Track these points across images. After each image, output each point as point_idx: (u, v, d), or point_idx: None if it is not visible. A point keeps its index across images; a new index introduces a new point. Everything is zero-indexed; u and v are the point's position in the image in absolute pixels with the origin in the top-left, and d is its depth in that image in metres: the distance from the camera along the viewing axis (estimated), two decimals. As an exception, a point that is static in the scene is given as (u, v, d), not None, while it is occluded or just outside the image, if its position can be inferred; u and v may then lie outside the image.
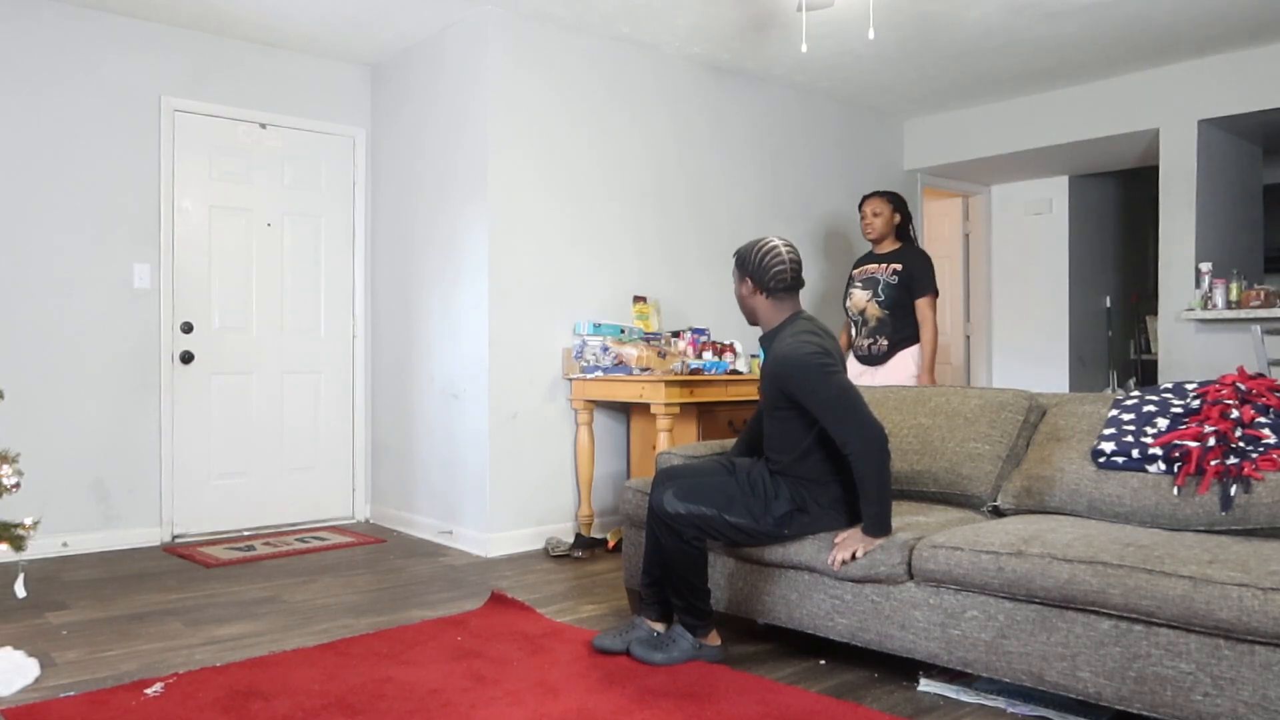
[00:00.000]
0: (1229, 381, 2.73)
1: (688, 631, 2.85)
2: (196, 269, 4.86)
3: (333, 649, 3.00)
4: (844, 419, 2.67)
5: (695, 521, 2.76)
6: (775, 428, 2.87)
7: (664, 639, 2.86)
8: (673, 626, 2.89)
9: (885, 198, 4.69)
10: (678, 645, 2.83)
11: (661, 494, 2.78)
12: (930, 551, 2.56)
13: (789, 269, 2.86)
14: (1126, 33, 4.92)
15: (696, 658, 2.84)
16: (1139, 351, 7.87)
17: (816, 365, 2.71)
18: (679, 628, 2.87)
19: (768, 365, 2.85)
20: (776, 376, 2.79)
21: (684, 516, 2.75)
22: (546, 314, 4.71)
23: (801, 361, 2.72)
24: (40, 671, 2.80)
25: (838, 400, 2.69)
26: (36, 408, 4.38)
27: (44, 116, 4.41)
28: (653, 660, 2.80)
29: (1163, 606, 2.15)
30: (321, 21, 4.69)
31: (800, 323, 2.86)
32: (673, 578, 2.81)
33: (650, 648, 2.84)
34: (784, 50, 5.16)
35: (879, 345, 4.57)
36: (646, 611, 2.96)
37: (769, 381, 2.84)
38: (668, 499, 2.77)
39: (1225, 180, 5.76)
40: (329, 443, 5.28)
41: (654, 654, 2.82)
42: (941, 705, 2.58)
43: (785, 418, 2.82)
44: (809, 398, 2.71)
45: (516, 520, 4.60)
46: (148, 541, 4.67)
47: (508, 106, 4.57)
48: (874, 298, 4.59)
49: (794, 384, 2.73)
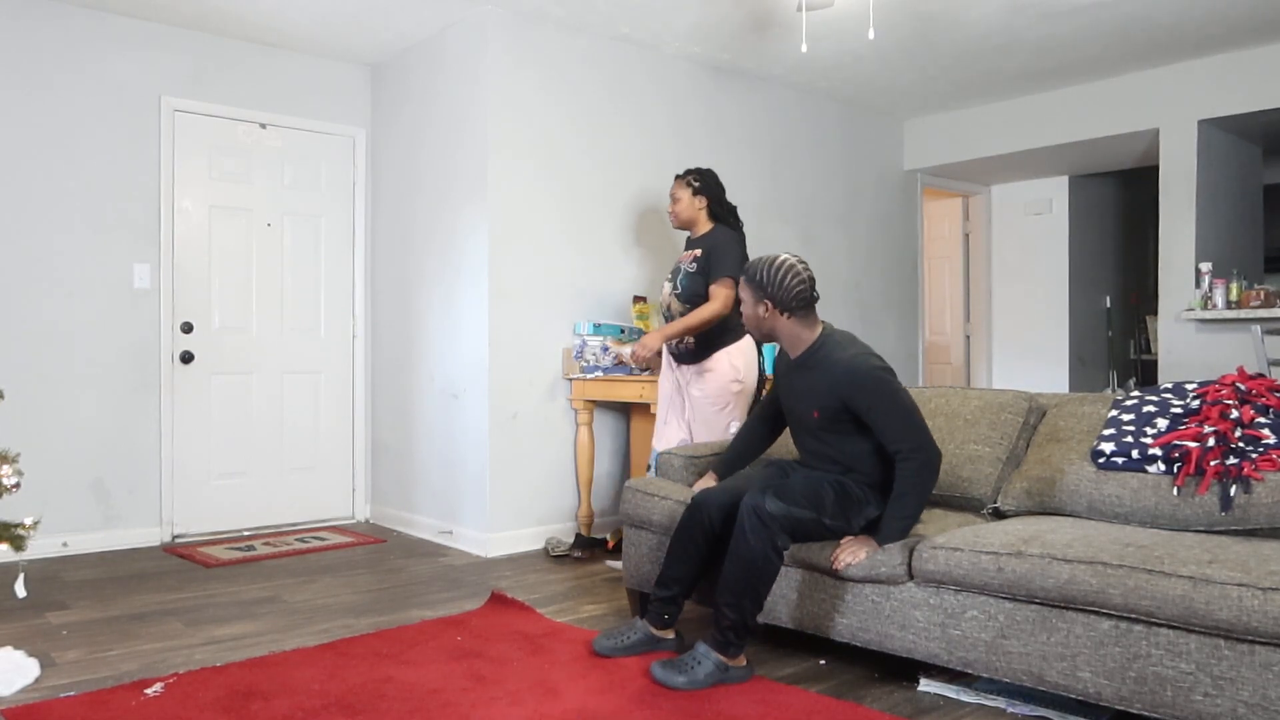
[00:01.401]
0: (1229, 382, 2.73)
1: (715, 650, 2.64)
2: (196, 269, 4.86)
3: (333, 649, 3.00)
4: (911, 433, 2.67)
5: (790, 525, 2.65)
6: (830, 440, 2.83)
7: (686, 660, 2.65)
8: (697, 644, 2.68)
9: (683, 180, 4.08)
10: (701, 666, 2.63)
11: (761, 494, 2.64)
12: (930, 552, 2.56)
13: (808, 284, 2.82)
14: (1126, 33, 4.92)
15: (723, 681, 2.64)
16: (1139, 351, 7.87)
17: (888, 380, 2.72)
18: (704, 646, 2.65)
19: (824, 378, 2.78)
20: (842, 389, 2.73)
21: (782, 519, 2.63)
22: (546, 314, 4.71)
23: (872, 374, 2.71)
24: (40, 671, 2.80)
25: (909, 413, 2.70)
26: (36, 408, 4.38)
27: (44, 116, 4.41)
28: (674, 684, 2.60)
29: (1163, 606, 2.15)
30: (321, 21, 4.69)
31: (844, 335, 2.87)
32: (739, 587, 2.62)
33: (671, 670, 2.64)
34: (784, 50, 5.16)
35: (685, 343, 3.93)
36: (652, 618, 2.88)
37: (828, 396, 2.77)
38: (768, 499, 2.63)
39: (1225, 180, 5.76)
40: (329, 443, 5.28)
41: (675, 677, 2.62)
42: (941, 705, 2.58)
43: (845, 430, 2.79)
44: (878, 409, 2.69)
45: (516, 520, 4.60)
46: (148, 541, 4.67)
47: (508, 106, 4.57)
48: (674, 290, 4.02)
49: (864, 397, 2.70)
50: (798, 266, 2.82)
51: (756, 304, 2.84)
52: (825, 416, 2.81)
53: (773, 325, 2.85)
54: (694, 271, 3.94)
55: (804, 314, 2.84)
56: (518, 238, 4.61)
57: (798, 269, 2.81)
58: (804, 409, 2.87)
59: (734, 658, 2.67)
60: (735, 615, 2.63)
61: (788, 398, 2.96)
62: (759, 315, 2.86)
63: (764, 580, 2.64)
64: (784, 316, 2.82)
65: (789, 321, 2.83)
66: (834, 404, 2.76)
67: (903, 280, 6.69)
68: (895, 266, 6.63)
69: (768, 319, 2.84)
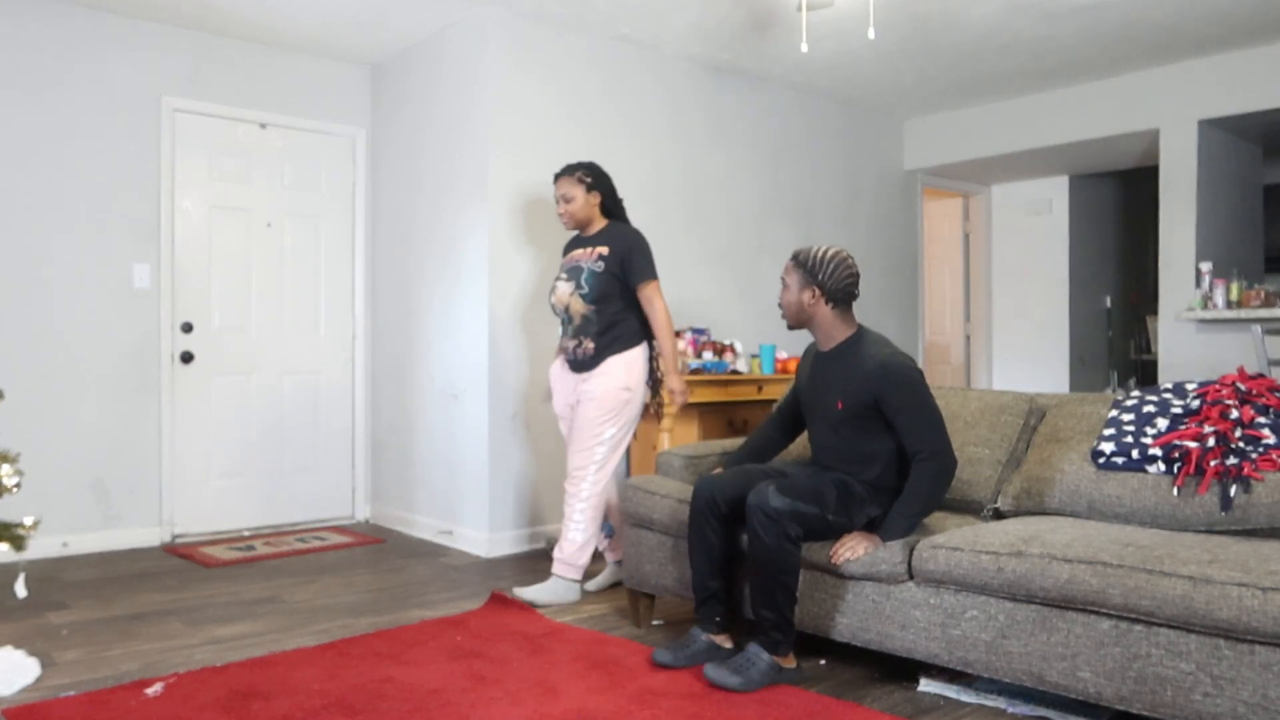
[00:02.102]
0: (1229, 381, 2.73)
1: (765, 650, 2.65)
2: (196, 269, 4.86)
3: (333, 649, 3.00)
4: (934, 437, 2.69)
5: (798, 518, 2.64)
6: (848, 435, 2.83)
7: (740, 660, 2.64)
8: (749, 645, 2.68)
9: (573, 176, 3.74)
10: (755, 666, 2.63)
11: (765, 491, 2.63)
12: (930, 552, 2.56)
13: (856, 279, 2.85)
14: (1126, 33, 4.92)
15: (777, 681, 2.65)
16: (1139, 351, 7.87)
17: (921, 382, 2.74)
18: (755, 647, 2.66)
19: (856, 372, 2.78)
20: (874, 385, 2.73)
21: (789, 513, 2.62)
22: (546, 314, 4.71)
23: (907, 373, 2.73)
24: (40, 671, 2.80)
25: (935, 418, 2.72)
26: (36, 408, 4.38)
27: (44, 116, 4.41)
28: (729, 685, 2.59)
29: (1163, 606, 2.15)
30: (321, 21, 4.69)
31: (879, 336, 2.88)
32: (767, 585, 2.63)
33: (726, 671, 2.62)
34: (784, 50, 5.16)
35: (584, 349, 3.66)
36: (705, 625, 2.86)
37: (858, 389, 2.76)
38: (771, 494, 2.62)
39: (1225, 180, 5.76)
40: (329, 443, 5.28)
41: (730, 678, 2.60)
42: (941, 705, 2.58)
43: (869, 428, 2.80)
44: (906, 409, 2.70)
45: (516, 520, 4.60)
46: (148, 541, 4.67)
47: (508, 106, 4.57)
48: (577, 290, 3.68)
49: (896, 394, 2.71)
50: (850, 260, 2.85)
51: (803, 289, 2.84)
52: (849, 409, 2.79)
53: (814, 313, 2.85)
54: (601, 271, 3.64)
55: (845, 307, 2.87)
56: (518, 238, 4.61)
57: (849, 262, 2.84)
58: (829, 400, 2.85)
59: (784, 656, 2.68)
60: (773, 614, 2.65)
61: (810, 391, 2.94)
62: (803, 300, 2.85)
63: (788, 573, 2.64)
64: (827, 306, 2.84)
65: (830, 312, 2.85)
66: (863, 398, 2.76)
67: (903, 280, 6.69)
68: (895, 266, 6.63)
69: (812, 305, 2.84)
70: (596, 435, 3.63)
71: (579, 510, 3.64)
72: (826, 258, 2.82)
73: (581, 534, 3.65)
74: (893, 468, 2.80)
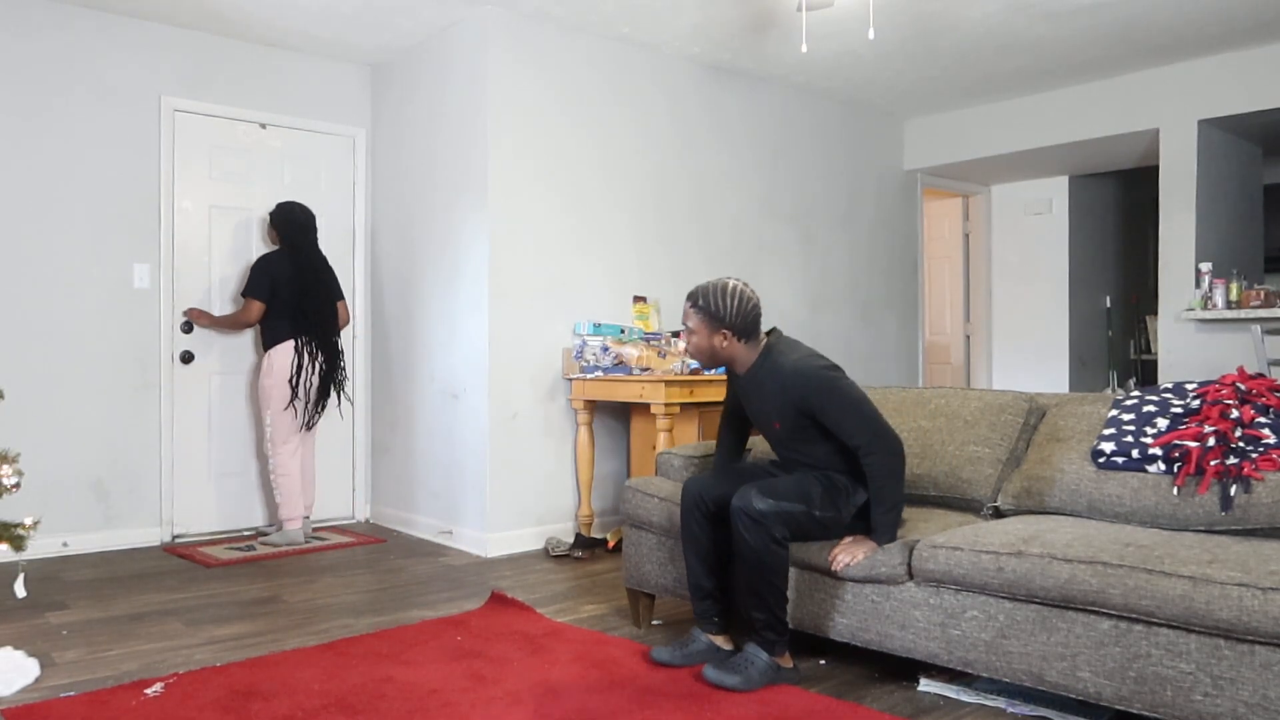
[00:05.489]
0: (1229, 381, 2.73)
1: (762, 650, 2.67)
2: (196, 269, 4.86)
3: (333, 649, 3.00)
4: (864, 428, 2.69)
5: (784, 519, 2.64)
6: (798, 447, 2.84)
7: (739, 660, 2.66)
8: (746, 645, 2.70)
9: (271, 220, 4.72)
10: (754, 666, 2.64)
11: (748, 494, 2.64)
12: (930, 551, 2.56)
13: (759, 309, 2.84)
14: (1126, 33, 4.92)
15: (776, 681, 2.66)
16: (1139, 351, 7.88)
17: (835, 379, 2.73)
18: (753, 647, 2.68)
19: (775, 388, 2.79)
20: (793, 395, 2.74)
21: (773, 514, 2.63)
22: (546, 314, 4.71)
23: (818, 375, 2.72)
24: (40, 671, 2.80)
25: (859, 409, 2.71)
26: (36, 407, 4.38)
27: (44, 116, 4.41)
28: (728, 685, 2.61)
29: (1163, 606, 2.15)
30: (321, 21, 4.69)
31: (786, 342, 2.86)
32: (756, 586, 2.64)
33: (725, 671, 2.63)
34: (784, 50, 5.16)
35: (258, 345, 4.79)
36: (704, 625, 2.87)
37: (784, 404, 2.77)
38: (754, 497, 2.63)
39: (1225, 180, 5.76)
40: (329, 443, 5.27)
41: (729, 677, 2.62)
42: (941, 705, 2.58)
43: (809, 435, 2.80)
44: (830, 409, 2.70)
45: (516, 520, 4.60)
46: (148, 541, 4.67)
47: (508, 107, 4.57)
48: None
49: (815, 399, 2.71)
50: (748, 291, 2.83)
51: (713, 334, 2.82)
52: (786, 425, 2.81)
53: (729, 353, 2.85)
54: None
55: (754, 335, 2.85)
56: (518, 237, 4.61)
57: (749, 293, 2.82)
58: (767, 422, 2.88)
59: (780, 655, 2.69)
60: (765, 614, 2.66)
61: (749, 410, 2.95)
62: (715, 345, 2.83)
63: (775, 573, 2.65)
64: (740, 343, 2.83)
65: (743, 346, 2.84)
66: (790, 411, 2.77)
67: (903, 280, 6.69)
68: (895, 266, 6.63)
69: (725, 347, 2.83)
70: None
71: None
72: (728, 297, 2.79)
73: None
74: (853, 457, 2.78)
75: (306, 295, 4.62)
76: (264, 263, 4.60)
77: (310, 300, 4.63)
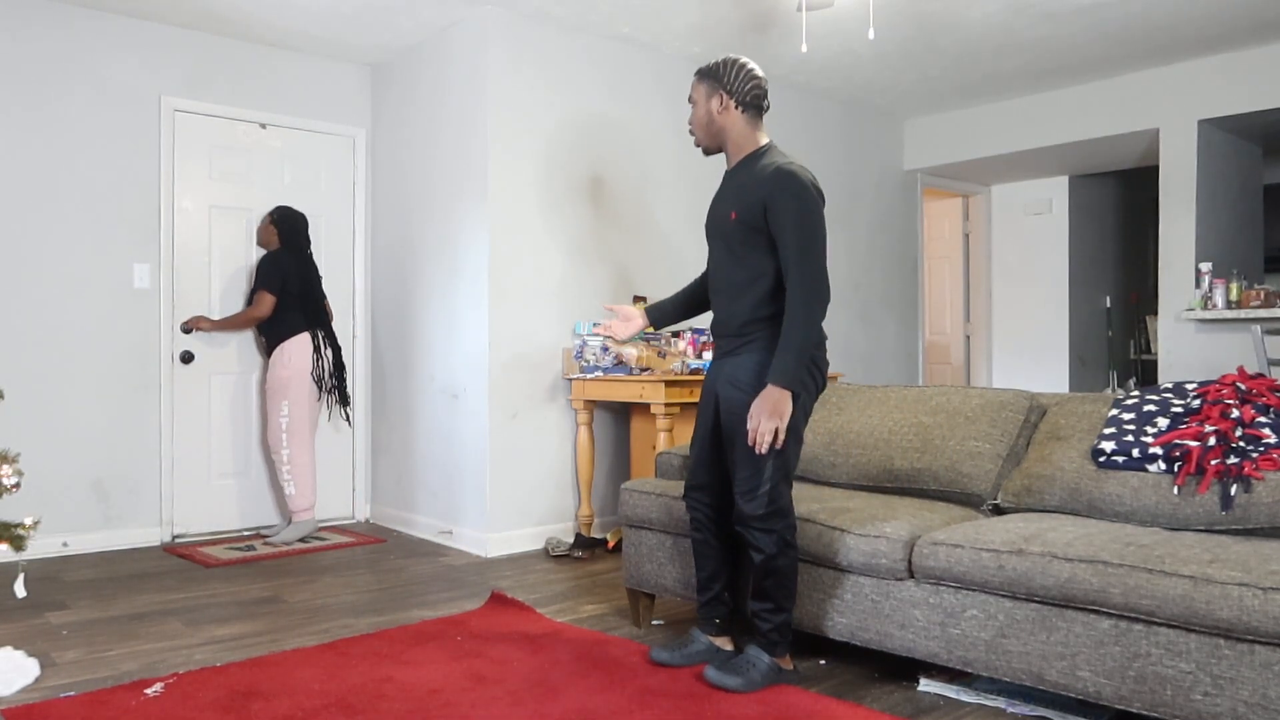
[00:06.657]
0: (1229, 381, 2.73)
1: (765, 652, 2.65)
2: (196, 269, 4.86)
3: (333, 649, 2.99)
4: (810, 259, 2.53)
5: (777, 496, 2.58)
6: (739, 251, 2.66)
7: (741, 662, 2.64)
8: (748, 647, 2.68)
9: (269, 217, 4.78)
10: (756, 668, 2.62)
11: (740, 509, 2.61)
12: (930, 548, 2.56)
13: (763, 89, 2.72)
14: (1126, 33, 4.92)
15: (778, 682, 2.64)
16: (1139, 351, 7.88)
17: (811, 198, 2.57)
18: (755, 649, 2.66)
19: (752, 182, 2.63)
20: (764, 189, 2.58)
21: (768, 506, 2.58)
22: (546, 314, 4.71)
23: (797, 182, 2.56)
24: (40, 671, 2.80)
25: (813, 240, 2.55)
26: (36, 408, 4.38)
27: (44, 116, 4.41)
28: (730, 686, 2.59)
29: (1163, 606, 2.15)
30: (321, 21, 4.69)
31: (786, 154, 2.70)
32: (768, 590, 2.62)
33: (726, 672, 2.62)
34: (784, 50, 5.16)
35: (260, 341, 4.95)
36: (705, 626, 2.85)
37: (751, 197, 2.60)
38: (744, 504, 2.60)
39: (1225, 180, 5.76)
40: (329, 443, 5.27)
41: (730, 679, 2.60)
42: (941, 705, 2.58)
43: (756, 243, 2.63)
44: (787, 221, 2.54)
45: (516, 520, 4.60)
46: (148, 541, 4.67)
47: (508, 106, 4.57)
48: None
49: (780, 200, 2.55)
50: (752, 66, 2.71)
51: (710, 97, 2.71)
52: (740, 220, 2.64)
53: (724, 123, 2.71)
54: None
55: (755, 115, 2.72)
56: (518, 237, 4.61)
57: (751, 66, 2.71)
58: (724, 212, 2.71)
59: (782, 657, 2.68)
60: (773, 616, 2.65)
61: (712, 210, 2.81)
62: (712, 110, 2.71)
63: (787, 574, 2.63)
64: (738, 112, 2.69)
65: (741, 119, 2.70)
66: (754, 206, 2.60)
67: (903, 280, 6.69)
68: (895, 266, 6.63)
69: (719, 115, 2.70)
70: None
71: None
72: (728, 63, 2.69)
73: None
74: (772, 293, 2.64)
75: (311, 290, 4.80)
76: (273, 259, 4.69)
77: (315, 295, 4.81)
